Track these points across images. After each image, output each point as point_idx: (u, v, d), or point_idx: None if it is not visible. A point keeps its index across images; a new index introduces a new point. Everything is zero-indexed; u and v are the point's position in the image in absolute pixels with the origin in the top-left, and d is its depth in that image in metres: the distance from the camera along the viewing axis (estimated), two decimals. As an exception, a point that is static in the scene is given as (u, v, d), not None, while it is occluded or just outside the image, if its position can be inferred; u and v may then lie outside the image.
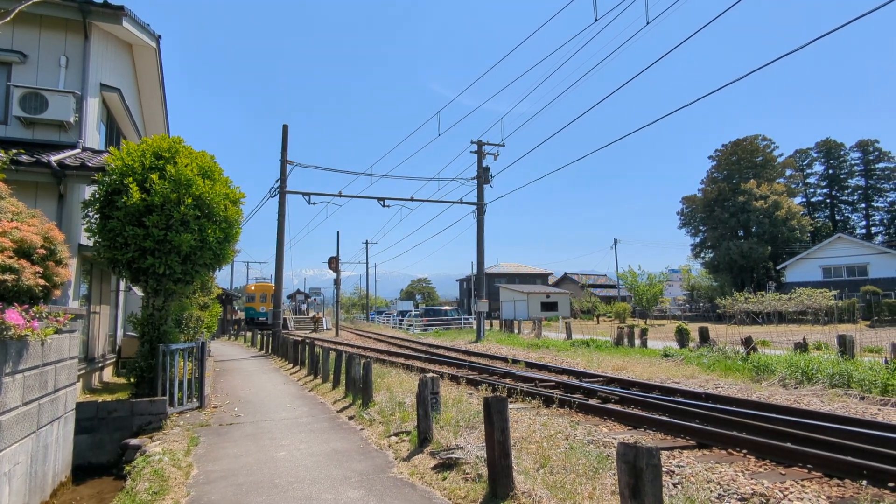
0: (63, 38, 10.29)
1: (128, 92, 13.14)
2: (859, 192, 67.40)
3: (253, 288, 49.37)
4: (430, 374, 6.90)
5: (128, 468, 6.27)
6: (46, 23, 10.17)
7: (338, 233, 39.33)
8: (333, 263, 36.26)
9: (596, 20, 12.16)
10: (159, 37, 13.06)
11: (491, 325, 38.26)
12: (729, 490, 4.93)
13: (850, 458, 5.48)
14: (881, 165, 65.75)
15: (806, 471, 5.49)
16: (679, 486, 5.01)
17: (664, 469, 5.55)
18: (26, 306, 4.81)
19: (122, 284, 13.84)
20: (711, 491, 4.90)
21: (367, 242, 60.04)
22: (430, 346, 24.05)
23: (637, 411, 8.43)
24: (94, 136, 10.88)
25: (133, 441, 7.20)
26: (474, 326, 30.70)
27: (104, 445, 7.48)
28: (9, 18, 6.53)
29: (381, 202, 26.89)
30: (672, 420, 7.47)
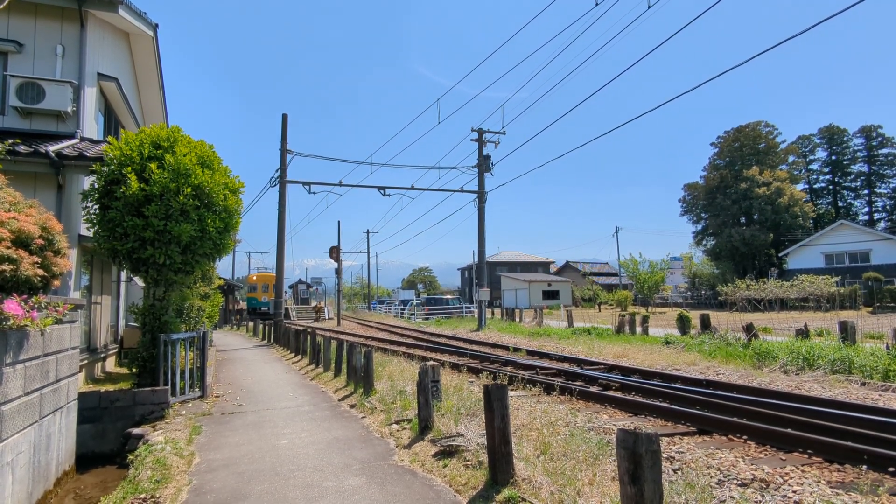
0: (59, 27, 10.20)
1: (125, 81, 13.05)
2: (862, 178, 67.01)
3: (255, 278, 49.46)
4: (431, 363, 6.91)
5: (131, 457, 6.30)
6: (42, 11, 10.08)
7: (339, 222, 39.45)
8: (334, 253, 36.27)
9: (596, 4, 12.02)
10: (156, 25, 12.95)
11: (492, 313, 38.33)
12: (729, 476, 4.94)
13: (850, 444, 5.48)
14: (884, 151, 65.31)
15: (806, 456, 5.50)
16: (679, 472, 5.02)
17: (664, 455, 5.56)
18: (25, 296, 4.81)
19: (123, 275, 13.86)
20: (711, 476, 4.92)
21: (368, 232, 60.05)
22: (432, 334, 24.10)
23: (638, 398, 8.46)
24: (92, 125, 10.82)
25: (136, 430, 7.24)
26: (475, 315, 30.75)
27: (107, 435, 7.52)
28: (3, 6, 6.47)
29: (382, 191, 26.82)
30: (673, 406, 7.48)
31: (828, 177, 69.18)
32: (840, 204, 68.37)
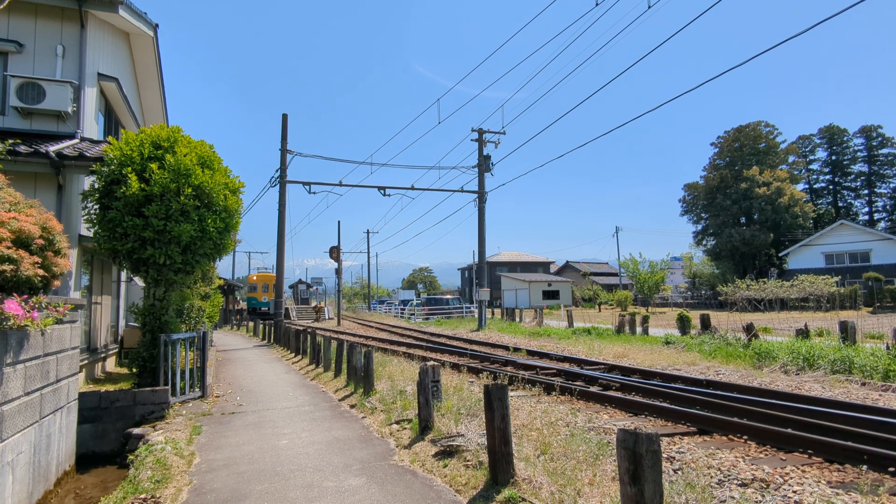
0: (59, 27, 10.20)
1: (126, 81, 13.05)
2: (862, 178, 66.99)
3: (255, 278, 49.47)
4: (431, 363, 6.91)
5: (131, 457, 6.30)
6: (42, 11, 10.08)
7: (339, 222, 39.29)
8: (335, 253, 36.26)
9: (597, 4, 12.01)
10: (157, 25, 12.95)
11: (492, 313, 38.33)
12: (729, 476, 4.94)
13: (850, 444, 5.48)
14: (884, 151, 65.29)
15: (806, 456, 5.50)
16: (679, 472, 5.02)
17: (665, 455, 5.56)
18: (25, 297, 4.81)
19: (123, 275, 13.86)
20: (712, 476, 4.92)
21: (368, 232, 59.98)
22: (432, 334, 24.10)
23: (638, 398, 8.45)
24: (92, 126, 10.83)
25: (136, 430, 7.24)
26: (476, 315, 30.75)
27: (107, 435, 7.53)
28: (3, 6, 6.47)
29: (382, 191, 26.80)
30: (673, 407, 7.48)
31: (828, 177, 69.17)
32: (840, 204, 68.34)
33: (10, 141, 6.91)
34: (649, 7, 11.41)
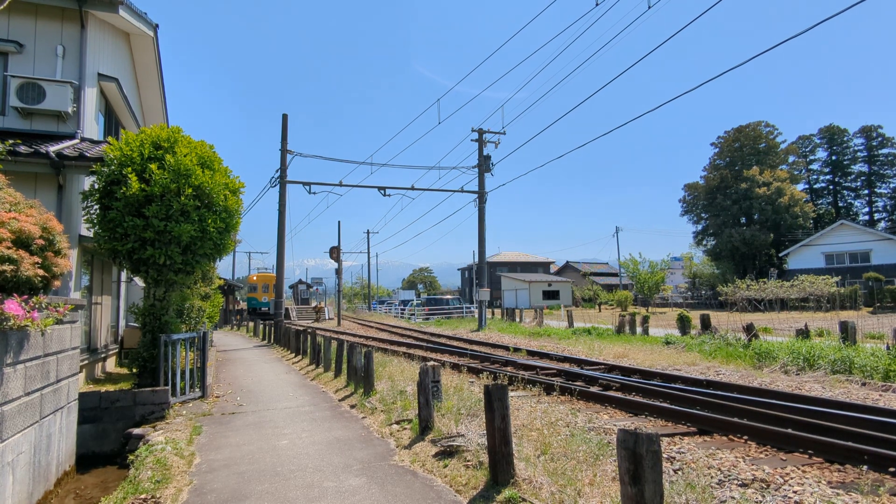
0: (59, 28, 10.20)
1: (126, 81, 13.05)
2: (862, 178, 66.99)
3: (255, 278, 49.47)
4: (431, 363, 6.91)
5: (131, 457, 6.30)
6: (42, 12, 10.08)
7: (339, 222, 39.30)
8: (335, 253, 36.25)
9: (597, 4, 12.01)
10: (157, 25, 12.95)
11: (492, 313, 38.31)
12: (729, 476, 4.94)
13: (850, 444, 5.48)
14: (885, 151, 65.28)
15: (807, 456, 5.50)
16: (680, 472, 5.02)
17: (665, 455, 5.56)
18: (25, 297, 4.81)
19: (124, 275, 13.86)
20: (712, 477, 4.91)
21: (368, 232, 59.97)
22: (432, 334, 24.09)
23: (638, 398, 8.45)
24: (92, 126, 10.83)
25: (136, 430, 7.24)
26: (476, 315, 30.75)
27: (108, 435, 7.53)
28: (3, 6, 6.47)
29: (382, 191, 26.79)
30: (673, 407, 7.48)
31: (828, 177, 69.16)
32: (840, 204, 68.33)
33: (10, 141, 6.91)
34: (649, 7, 11.41)
